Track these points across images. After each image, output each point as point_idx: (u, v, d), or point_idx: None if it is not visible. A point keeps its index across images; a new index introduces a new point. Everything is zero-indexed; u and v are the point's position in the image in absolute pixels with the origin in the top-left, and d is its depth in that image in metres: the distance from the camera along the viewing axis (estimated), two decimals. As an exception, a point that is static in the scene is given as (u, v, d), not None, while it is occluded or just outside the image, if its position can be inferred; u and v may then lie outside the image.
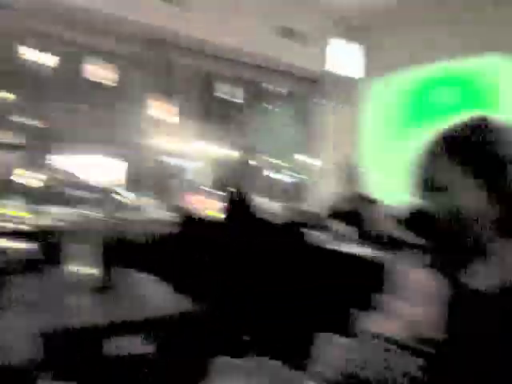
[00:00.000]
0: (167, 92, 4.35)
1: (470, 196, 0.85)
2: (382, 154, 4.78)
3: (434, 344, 0.89)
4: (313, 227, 3.44)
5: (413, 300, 0.93)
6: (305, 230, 2.64)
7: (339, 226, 3.38)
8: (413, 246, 2.84)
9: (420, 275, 0.95)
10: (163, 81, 4.35)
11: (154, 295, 1.95)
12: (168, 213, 3.05)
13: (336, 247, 2.98)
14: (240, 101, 5.10)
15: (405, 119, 4.68)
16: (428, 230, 0.99)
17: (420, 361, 0.85)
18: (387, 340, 0.87)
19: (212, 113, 4.92)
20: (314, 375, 1.04)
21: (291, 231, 2.59)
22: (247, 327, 2.22)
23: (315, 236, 2.89)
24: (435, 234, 0.97)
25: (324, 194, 4.80)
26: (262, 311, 2.24)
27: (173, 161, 4.48)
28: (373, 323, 0.96)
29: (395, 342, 0.87)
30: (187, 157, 4.49)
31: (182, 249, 2.65)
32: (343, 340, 1.03)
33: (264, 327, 2.17)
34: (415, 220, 2.53)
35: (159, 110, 4.31)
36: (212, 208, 3.24)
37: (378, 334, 0.88)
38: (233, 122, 5.07)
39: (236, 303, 2.33)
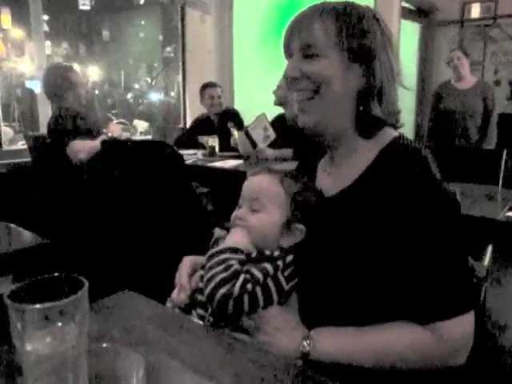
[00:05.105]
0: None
1: (335, 68, 0.82)
2: (251, 68, 4.66)
3: (287, 250, 0.85)
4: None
5: (255, 206, 0.87)
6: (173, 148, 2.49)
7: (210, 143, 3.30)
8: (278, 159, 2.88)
9: (262, 181, 0.89)
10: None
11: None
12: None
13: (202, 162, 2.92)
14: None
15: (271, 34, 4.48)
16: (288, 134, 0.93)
17: (268, 266, 0.81)
18: (231, 251, 0.82)
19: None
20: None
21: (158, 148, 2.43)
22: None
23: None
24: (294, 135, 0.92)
25: (193, 112, 4.64)
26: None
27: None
28: (226, 237, 0.90)
29: (239, 252, 0.82)
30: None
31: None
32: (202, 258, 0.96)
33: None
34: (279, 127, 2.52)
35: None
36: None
37: (225, 247, 0.82)
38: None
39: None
